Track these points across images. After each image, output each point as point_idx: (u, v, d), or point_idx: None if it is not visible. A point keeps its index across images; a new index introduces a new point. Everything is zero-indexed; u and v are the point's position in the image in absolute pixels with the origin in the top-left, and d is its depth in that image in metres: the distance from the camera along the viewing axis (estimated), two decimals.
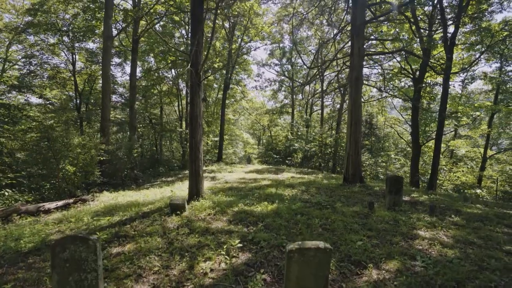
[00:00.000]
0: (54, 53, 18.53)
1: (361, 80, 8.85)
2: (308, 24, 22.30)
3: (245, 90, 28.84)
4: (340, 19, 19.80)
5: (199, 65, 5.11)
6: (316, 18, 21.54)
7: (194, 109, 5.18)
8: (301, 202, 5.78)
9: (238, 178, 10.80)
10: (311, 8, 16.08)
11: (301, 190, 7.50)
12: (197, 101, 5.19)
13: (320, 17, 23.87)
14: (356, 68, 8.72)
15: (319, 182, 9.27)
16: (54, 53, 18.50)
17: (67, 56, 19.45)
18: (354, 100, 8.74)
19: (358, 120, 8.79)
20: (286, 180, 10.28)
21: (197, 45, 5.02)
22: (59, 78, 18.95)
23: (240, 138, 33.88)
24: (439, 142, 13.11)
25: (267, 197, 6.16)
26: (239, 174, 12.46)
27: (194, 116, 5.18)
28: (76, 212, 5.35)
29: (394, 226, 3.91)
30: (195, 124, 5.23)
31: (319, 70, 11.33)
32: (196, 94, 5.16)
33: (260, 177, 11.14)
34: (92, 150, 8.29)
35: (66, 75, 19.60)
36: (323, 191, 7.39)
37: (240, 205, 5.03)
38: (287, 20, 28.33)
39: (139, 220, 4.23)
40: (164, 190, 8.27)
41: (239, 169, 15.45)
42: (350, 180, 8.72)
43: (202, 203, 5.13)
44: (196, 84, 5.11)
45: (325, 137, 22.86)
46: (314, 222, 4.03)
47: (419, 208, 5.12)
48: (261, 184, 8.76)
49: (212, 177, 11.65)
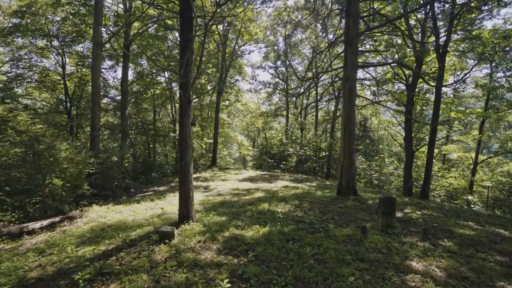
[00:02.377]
0: (43, 56, 18.10)
1: (354, 92, 8.80)
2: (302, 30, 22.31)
3: (240, 93, 28.68)
4: (334, 25, 19.84)
5: (188, 85, 4.97)
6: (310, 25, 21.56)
7: (184, 130, 5.04)
8: (294, 222, 5.69)
9: (231, 189, 10.68)
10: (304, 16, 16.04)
11: (294, 205, 7.42)
12: (187, 123, 5.04)
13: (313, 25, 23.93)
14: (350, 79, 8.67)
15: (313, 194, 9.20)
16: (43, 55, 18.06)
17: (56, 59, 19.01)
18: (348, 113, 8.70)
19: (351, 132, 8.75)
20: (279, 190, 10.19)
21: (186, 64, 4.88)
22: (49, 81, 18.53)
23: (234, 140, 33.76)
24: (431, 149, 13.21)
25: (260, 216, 6.05)
26: (233, 183, 12.34)
27: (183, 139, 5.04)
28: (60, 236, 5.15)
29: (387, 256, 3.85)
30: (184, 146, 5.09)
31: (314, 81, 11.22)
32: (185, 115, 5.02)
33: (254, 187, 11.03)
34: (80, 164, 8.05)
35: (56, 78, 19.15)
36: (316, 206, 7.31)
37: (232, 229, 4.90)
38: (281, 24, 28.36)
39: (126, 250, 4.07)
40: (155, 205, 8.09)
41: (233, 176, 15.33)
42: (344, 192, 8.68)
43: (193, 227, 5.00)
44: (186, 104, 4.96)
45: (320, 141, 22.88)
46: (306, 252, 3.94)
47: (412, 230, 5.08)
48: (254, 197, 8.66)
49: (205, 187, 11.50)
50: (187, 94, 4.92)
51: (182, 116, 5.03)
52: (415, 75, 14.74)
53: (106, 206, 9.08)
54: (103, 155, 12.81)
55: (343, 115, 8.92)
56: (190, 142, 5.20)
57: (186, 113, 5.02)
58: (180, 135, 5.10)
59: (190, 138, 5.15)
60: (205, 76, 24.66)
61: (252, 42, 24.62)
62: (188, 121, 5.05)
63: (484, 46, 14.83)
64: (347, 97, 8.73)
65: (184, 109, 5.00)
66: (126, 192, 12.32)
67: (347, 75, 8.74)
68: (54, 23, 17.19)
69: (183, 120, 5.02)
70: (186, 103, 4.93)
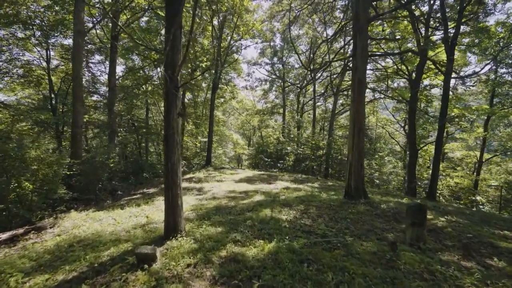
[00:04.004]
0: (26, 49, 16.79)
1: (364, 83, 7.94)
2: (301, 22, 21.43)
3: (235, 90, 27.67)
4: (334, 17, 19.00)
5: (176, 67, 4.00)
6: (309, 16, 20.67)
7: (170, 124, 4.06)
8: (303, 233, 4.79)
9: (228, 191, 9.72)
10: (304, 6, 15.14)
11: (300, 210, 6.51)
12: (174, 114, 4.08)
13: (313, 16, 23.05)
14: (359, 70, 7.80)
15: (318, 197, 8.32)
16: (26, 48, 16.76)
17: (40, 53, 17.70)
18: (357, 107, 7.83)
19: (361, 128, 7.88)
20: (280, 192, 9.29)
21: (173, 41, 3.91)
22: (32, 76, 17.24)
23: (229, 138, 32.76)
24: (439, 147, 12.45)
25: (262, 226, 5.13)
26: (229, 185, 11.38)
27: (170, 134, 4.06)
28: (15, 256, 4.13)
29: (434, 285, 2.96)
30: (171, 143, 4.12)
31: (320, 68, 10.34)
32: (172, 105, 4.04)
33: (252, 189, 10.10)
34: (54, 165, 6.99)
35: (40, 73, 17.85)
36: (325, 211, 6.43)
37: (230, 246, 3.97)
38: (279, 18, 27.40)
39: (90, 281, 3.09)
40: (141, 211, 7.09)
41: (229, 176, 14.36)
42: (353, 195, 7.82)
43: (181, 243, 4.04)
44: (173, 91, 4.00)
45: (319, 140, 22.05)
46: (327, 280, 3.03)
47: (447, 244, 4.22)
48: (254, 201, 7.73)
49: (199, 189, 10.51)
50: (174, 78, 3.95)
51: (168, 106, 4.05)
52: (420, 68, 13.99)
53: (86, 212, 8.04)
54: (87, 154, 11.72)
55: (351, 109, 8.05)
56: (179, 138, 4.24)
57: (173, 102, 4.05)
58: (165, 130, 4.13)
59: (178, 133, 4.18)
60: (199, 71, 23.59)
61: (248, 37, 23.60)
62: (175, 112, 4.08)
63: (491, 39, 14.18)
64: (356, 89, 7.86)
65: (171, 97, 4.03)
66: (112, 195, 11.25)
67: (356, 65, 7.86)
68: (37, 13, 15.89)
69: (170, 111, 4.04)
70: (172, 89, 3.96)
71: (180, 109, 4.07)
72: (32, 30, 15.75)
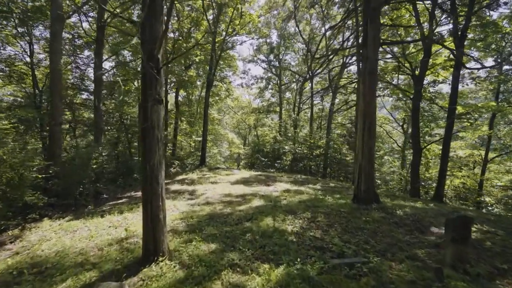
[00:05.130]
0: (8, 42, 15.51)
1: (376, 74, 7.13)
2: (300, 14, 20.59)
3: (230, 87, 26.69)
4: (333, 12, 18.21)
5: (156, 40, 3.08)
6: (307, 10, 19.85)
7: (148, 115, 3.14)
8: (316, 251, 3.92)
9: (223, 195, 8.80)
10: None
11: (307, 219, 5.64)
12: (153, 101, 3.16)
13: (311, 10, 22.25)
14: (371, 60, 6.97)
15: (323, 201, 7.47)
16: (8, 42, 15.48)
17: (23, 47, 16.43)
18: (368, 100, 7.00)
19: (372, 124, 7.06)
20: (280, 196, 8.41)
21: (150, 7, 2.98)
22: (14, 72, 15.97)
23: (225, 138, 31.79)
24: (447, 146, 11.76)
25: (265, 242, 4.25)
26: (224, 187, 10.45)
27: (147, 128, 3.13)
28: None
29: None
30: (150, 140, 3.19)
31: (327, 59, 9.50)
32: (152, 88, 3.12)
33: (250, 192, 9.20)
34: (19, 167, 5.97)
35: (23, 68, 16.58)
36: (336, 220, 5.57)
37: (226, 274, 3.07)
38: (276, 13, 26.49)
39: None
40: (123, 221, 6.14)
41: (224, 177, 13.43)
42: (363, 199, 6.99)
43: (163, 270, 3.13)
44: (151, 73, 3.07)
45: (317, 138, 21.25)
46: None
47: (498, 267, 3.39)
48: (252, 207, 6.83)
49: (191, 192, 9.57)
50: (154, 55, 3.03)
51: (145, 92, 3.12)
52: (424, 63, 13.28)
53: (61, 221, 7.05)
54: (68, 155, 10.68)
55: (361, 103, 7.21)
56: (161, 134, 3.32)
57: (151, 86, 3.13)
58: (143, 121, 3.21)
59: (160, 128, 3.27)
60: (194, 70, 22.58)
61: (244, 32, 22.65)
62: (155, 99, 3.16)
63: (497, 33, 13.56)
64: (366, 81, 7.03)
65: (150, 81, 3.11)
66: (95, 199, 10.22)
67: (366, 54, 7.03)
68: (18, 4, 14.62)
69: (147, 98, 3.12)
70: (150, 70, 3.03)
71: (159, 94, 3.14)
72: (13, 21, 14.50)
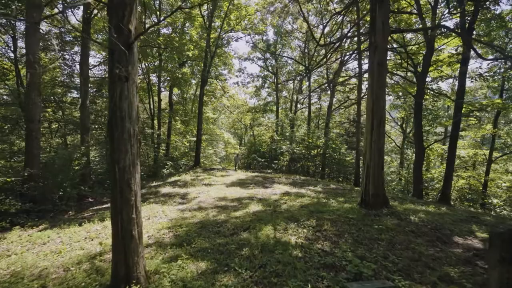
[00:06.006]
0: None
1: (385, 65, 6.48)
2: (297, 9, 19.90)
3: (226, 85, 25.94)
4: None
5: (125, 7, 2.35)
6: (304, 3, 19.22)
7: (116, 102, 2.41)
8: (328, 272, 3.23)
9: (217, 199, 8.07)
10: None
11: (311, 228, 4.96)
12: (122, 85, 2.43)
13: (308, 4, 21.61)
14: (380, 49, 6.32)
15: (327, 205, 6.80)
16: None
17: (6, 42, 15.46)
18: (377, 95, 6.34)
19: (381, 121, 6.40)
20: (280, 200, 7.72)
21: None
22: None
23: (220, 138, 31.02)
24: (454, 145, 11.21)
25: (266, 259, 3.54)
26: (219, 189, 9.73)
27: (116, 119, 2.41)
28: None
29: None
30: (119, 134, 2.47)
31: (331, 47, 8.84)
32: (122, 68, 2.39)
33: (246, 195, 8.49)
34: None
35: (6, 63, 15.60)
36: (345, 229, 4.89)
37: None
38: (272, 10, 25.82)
39: None
40: (101, 230, 5.38)
41: (219, 179, 12.70)
42: (372, 203, 6.33)
43: None
44: (121, 49, 2.34)
45: (315, 138, 20.61)
46: None
47: None
48: (249, 214, 6.12)
49: (183, 196, 8.82)
50: (124, 26, 2.30)
51: (113, 73, 2.40)
52: (426, 59, 12.73)
53: (34, 230, 6.25)
54: (49, 155, 9.84)
55: (369, 98, 6.55)
56: (134, 128, 2.59)
57: (122, 66, 2.39)
58: (110, 112, 2.48)
59: (133, 119, 2.54)
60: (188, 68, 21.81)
61: (240, 28, 21.94)
62: (128, 85, 2.44)
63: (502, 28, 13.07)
64: (375, 72, 6.37)
65: (118, 59, 2.38)
66: (79, 204, 9.41)
67: (375, 43, 6.37)
68: None
69: (116, 82, 2.39)
70: (117, 44, 2.30)
71: (128, 74, 2.41)
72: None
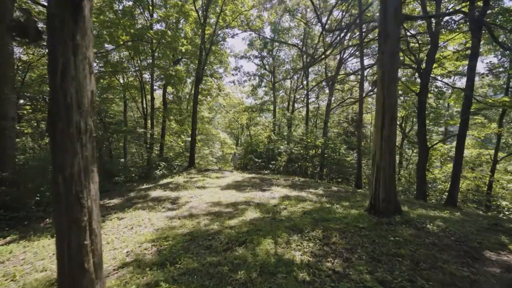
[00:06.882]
0: None
1: (397, 56, 5.84)
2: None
3: (221, 84, 25.18)
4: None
5: None
6: None
7: (57, 83, 1.71)
8: None
9: (210, 204, 7.36)
10: None
11: (318, 240, 4.28)
12: (67, 61, 1.71)
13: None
14: (391, 38, 5.67)
15: (332, 211, 6.14)
16: None
17: None
18: (388, 88, 5.69)
19: (393, 117, 5.75)
20: (279, 204, 7.04)
21: None
22: None
23: (216, 137, 30.26)
24: (461, 145, 10.61)
25: (266, 285, 2.86)
26: (213, 193, 9.00)
27: (60, 107, 1.72)
28: None
29: None
30: (63, 129, 1.76)
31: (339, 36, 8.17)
32: (66, 39, 1.68)
33: (243, 200, 7.79)
34: None
35: None
36: (356, 241, 4.23)
37: None
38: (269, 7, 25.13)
39: None
40: None
41: (214, 181, 11.98)
42: (382, 210, 5.68)
43: None
44: (58, 12, 1.62)
45: (313, 138, 19.98)
46: None
47: None
48: (246, 222, 5.42)
49: (173, 201, 8.08)
50: None
51: (55, 46, 1.69)
52: (431, 55, 12.18)
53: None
54: (26, 157, 9.04)
55: (379, 93, 5.90)
56: (87, 121, 1.87)
57: (68, 36, 1.69)
58: (50, 100, 1.76)
59: (85, 110, 1.82)
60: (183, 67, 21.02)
61: (236, 25, 21.22)
62: (76, 61, 1.72)
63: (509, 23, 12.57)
64: (386, 64, 5.72)
65: (60, 25, 1.66)
66: None
67: (386, 31, 5.73)
68: None
69: (58, 55, 1.69)
70: (58, 3, 1.59)
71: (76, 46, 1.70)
72: None
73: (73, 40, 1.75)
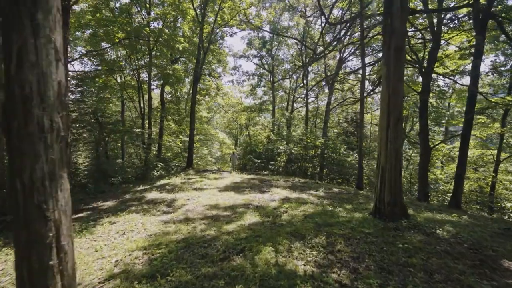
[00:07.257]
0: None
1: (404, 52, 5.55)
2: None
3: (220, 83, 24.87)
4: None
5: None
6: None
7: (13, 70, 1.40)
8: None
9: (208, 207, 7.05)
10: None
11: (321, 247, 3.98)
12: (25, 44, 1.40)
13: None
14: (397, 33, 5.38)
15: (335, 215, 5.85)
16: None
17: None
18: (394, 86, 5.40)
19: (399, 117, 5.46)
20: (280, 207, 6.75)
21: None
22: None
23: (215, 138, 29.94)
24: (465, 146, 10.34)
25: None
26: (211, 195, 8.70)
27: (15, 100, 1.42)
28: None
29: None
30: (20, 126, 1.46)
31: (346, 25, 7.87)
32: (23, 18, 1.37)
33: (241, 202, 7.48)
34: None
35: None
36: (363, 248, 3.93)
37: None
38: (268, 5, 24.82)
39: None
40: None
41: (212, 182, 11.66)
42: (388, 213, 5.38)
43: None
44: None
45: (313, 138, 19.69)
46: None
47: None
48: (245, 227, 5.12)
49: (169, 203, 7.77)
50: None
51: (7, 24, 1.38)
52: (432, 54, 11.94)
53: None
54: None
55: (384, 91, 5.60)
56: (52, 116, 1.55)
57: (19, 14, 1.37)
58: (5, 91, 1.45)
59: (51, 105, 1.51)
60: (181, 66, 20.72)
61: (234, 23, 20.91)
62: (37, 44, 1.41)
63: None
64: (392, 61, 5.43)
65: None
66: None
67: (391, 25, 5.44)
68: None
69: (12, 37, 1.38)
70: None
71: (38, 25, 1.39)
72: None
73: (31, 19, 1.44)
